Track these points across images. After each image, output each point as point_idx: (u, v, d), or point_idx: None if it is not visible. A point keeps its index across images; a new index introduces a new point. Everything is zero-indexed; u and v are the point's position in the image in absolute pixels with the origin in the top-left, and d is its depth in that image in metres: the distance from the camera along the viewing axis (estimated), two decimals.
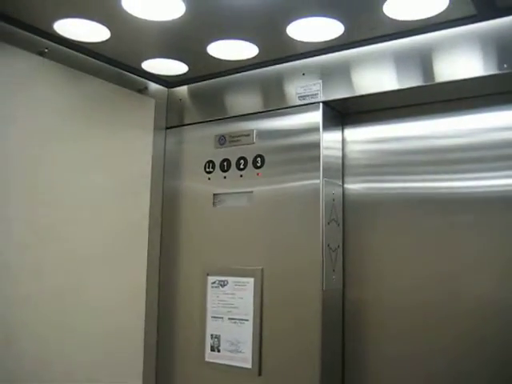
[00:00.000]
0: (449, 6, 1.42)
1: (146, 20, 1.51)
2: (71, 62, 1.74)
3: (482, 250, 1.60)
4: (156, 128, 2.03)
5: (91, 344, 1.74)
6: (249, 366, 1.75)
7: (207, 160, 1.96)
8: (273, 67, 1.85)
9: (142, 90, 1.99)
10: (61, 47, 1.71)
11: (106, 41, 1.67)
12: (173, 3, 1.43)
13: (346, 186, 1.84)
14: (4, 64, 1.55)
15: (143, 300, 1.93)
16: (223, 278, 1.84)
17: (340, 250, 1.78)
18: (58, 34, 1.64)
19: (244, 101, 1.92)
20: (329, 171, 1.75)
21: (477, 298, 1.59)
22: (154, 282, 2.01)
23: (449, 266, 1.64)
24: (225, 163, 1.91)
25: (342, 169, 1.84)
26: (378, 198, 1.79)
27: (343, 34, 1.60)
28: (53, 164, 1.68)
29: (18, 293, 1.55)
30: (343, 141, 1.86)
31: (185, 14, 1.47)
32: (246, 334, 1.77)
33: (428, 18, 1.50)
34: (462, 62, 1.54)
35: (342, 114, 1.86)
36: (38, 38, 1.65)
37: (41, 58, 1.65)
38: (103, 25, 1.56)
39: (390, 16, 1.48)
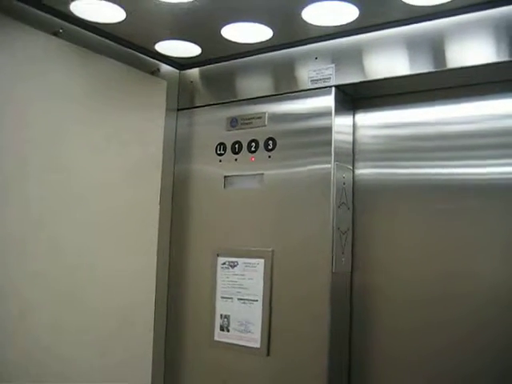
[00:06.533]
0: None
1: (161, 1, 1.51)
2: (85, 43, 1.74)
3: (491, 236, 1.61)
4: (167, 110, 2.04)
5: (102, 320, 1.77)
6: (257, 345, 1.77)
7: (218, 142, 1.97)
8: (285, 51, 1.85)
9: (155, 72, 1.99)
10: (75, 28, 1.71)
11: (121, 22, 1.67)
12: None
13: (356, 170, 1.85)
14: (19, 43, 1.56)
15: (153, 279, 1.96)
16: (233, 259, 1.87)
17: (350, 234, 1.79)
18: (74, 15, 1.64)
19: (256, 84, 1.92)
20: (340, 155, 1.75)
21: (484, 282, 1.60)
22: (165, 262, 2.03)
23: (458, 253, 1.65)
24: (236, 145, 1.92)
25: (353, 153, 1.85)
26: (388, 183, 1.80)
27: (357, 18, 1.60)
28: (66, 144, 1.69)
29: (32, 268, 1.58)
30: (354, 125, 1.87)
31: None
32: (255, 314, 1.79)
33: (442, 4, 1.49)
34: (475, 48, 1.54)
35: (354, 98, 1.86)
36: (54, 18, 1.65)
37: (55, 38, 1.65)
38: (119, 6, 1.57)
39: (405, 1, 1.48)
